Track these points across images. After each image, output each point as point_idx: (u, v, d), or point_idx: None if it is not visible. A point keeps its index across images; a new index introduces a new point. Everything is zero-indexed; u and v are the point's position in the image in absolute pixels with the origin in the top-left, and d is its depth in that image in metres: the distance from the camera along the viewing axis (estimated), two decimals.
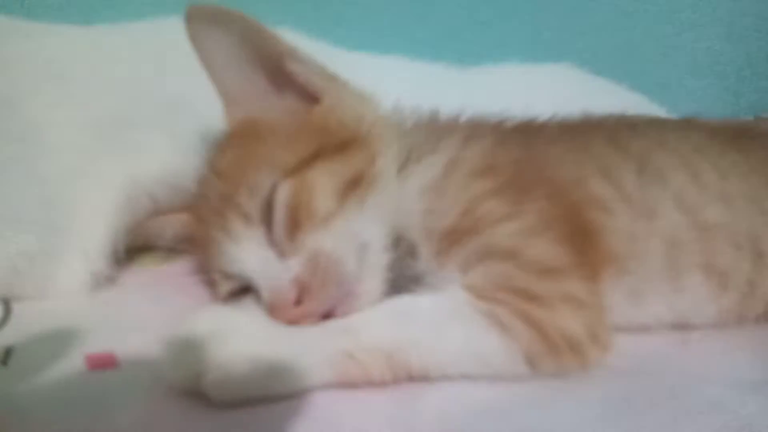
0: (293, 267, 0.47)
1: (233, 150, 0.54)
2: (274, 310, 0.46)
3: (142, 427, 0.39)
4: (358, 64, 0.59)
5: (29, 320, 0.52)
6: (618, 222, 0.54)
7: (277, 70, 0.55)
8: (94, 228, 0.57)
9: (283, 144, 0.52)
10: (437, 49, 1.01)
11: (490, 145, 0.56)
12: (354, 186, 0.50)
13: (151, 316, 0.54)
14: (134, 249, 0.64)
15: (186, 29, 0.53)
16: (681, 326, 0.56)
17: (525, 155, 0.55)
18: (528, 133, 0.60)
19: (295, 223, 0.48)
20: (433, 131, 0.59)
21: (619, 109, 0.68)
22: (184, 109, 0.65)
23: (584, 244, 0.51)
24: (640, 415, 0.42)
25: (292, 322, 0.46)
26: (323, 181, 0.50)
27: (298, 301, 0.46)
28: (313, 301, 0.46)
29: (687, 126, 0.66)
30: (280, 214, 0.48)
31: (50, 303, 0.55)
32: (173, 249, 0.61)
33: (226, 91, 0.55)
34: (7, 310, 0.53)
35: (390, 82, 0.60)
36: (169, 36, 0.62)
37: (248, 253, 0.49)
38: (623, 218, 0.54)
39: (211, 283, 0.56)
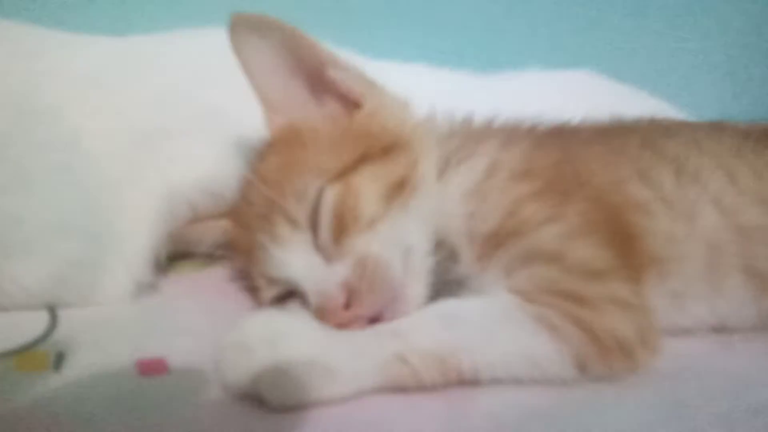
0: (340, 271, 0.47)
1: (277, 156, 0.54)
2: (322, 314, 0.46)
3: (197, 431, 0.40)
4: (383, 72, 0.60)
5: (76, 327, 0.52)
6: (657, 224, 0.53)
7: (317, 77, 0.56)
8: (137, 236, 0.58)
9: (327, 149, 0.52)
10: (459, 57, 1.02)
11: (528, 148, 0.56)
12: (398, 190, 0.51)
13: (196, 321, 0.54)
14: (172, 256, 0.64)
15: (229, 37, 0.54)
16: (722, 329, 0.55)
17: (563, 158, 0.56)
18: (563, 137, 0.61)
19: (342, 228, 0.49)
20: (469, 136, 0.59)
21: (640, 114, 0.68)
22: (222, 118, 0.65)
23: (626, 246, 0.51)
24: (696, 418, 0.41)
25: (341, 326, 0.46)
26: (368, 185, 0.50)
27: (347, 305, 0.46)
28: (362, 305, 0.46)
29: (720, 128, 0.66)
30: (326, 218, 0.49)
31: (95, 310, 0.56)
32: (211, 255, 0.62)
33: (268, 98, 0.56)
34: (54, 317, 0.54)
35: (414, 89, 0.60)
36: (206, 45, 0.63)
37: (296, 257, 0.49)
38: (663, 220, 0.54)
39: (252, 289, 0.56)
